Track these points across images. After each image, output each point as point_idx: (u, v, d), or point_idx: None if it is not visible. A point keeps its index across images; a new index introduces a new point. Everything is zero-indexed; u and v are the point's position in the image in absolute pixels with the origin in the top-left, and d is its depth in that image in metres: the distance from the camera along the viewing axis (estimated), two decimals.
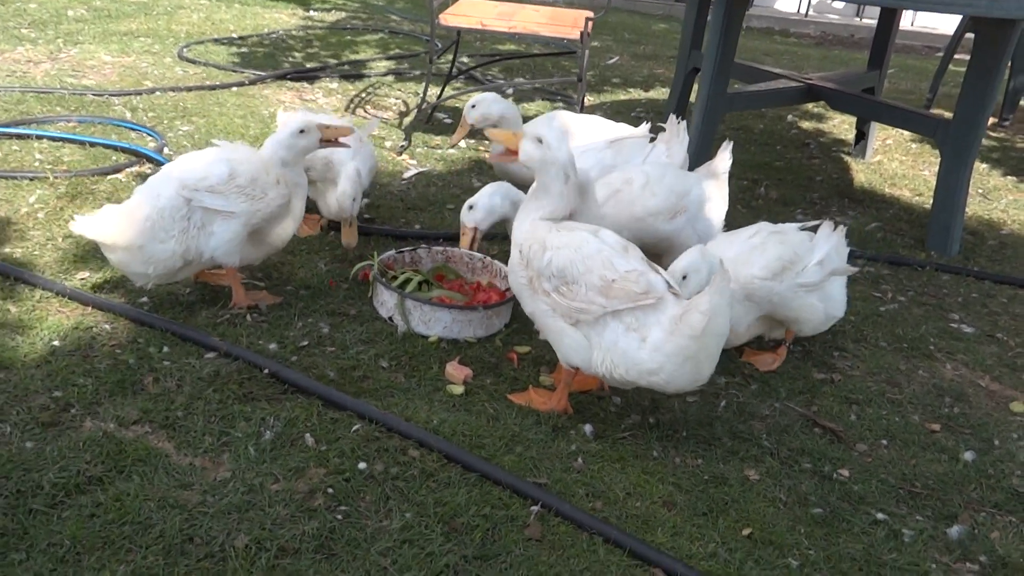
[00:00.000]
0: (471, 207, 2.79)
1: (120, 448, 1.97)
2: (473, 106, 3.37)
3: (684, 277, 2.30)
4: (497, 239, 3.39)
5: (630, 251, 2.26)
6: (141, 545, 1.71)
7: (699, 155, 3.63)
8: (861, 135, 5.07)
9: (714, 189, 2.96)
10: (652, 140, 3.18)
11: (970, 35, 5.33)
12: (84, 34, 6.07)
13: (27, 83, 4.79)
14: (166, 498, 1.84)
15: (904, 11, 3.31)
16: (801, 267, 2.61)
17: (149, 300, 2.64)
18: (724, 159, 2.99)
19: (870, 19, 9.99)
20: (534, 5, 4.85)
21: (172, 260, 2.47)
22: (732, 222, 3.86)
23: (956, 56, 6.33)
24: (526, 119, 3.84)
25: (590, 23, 4.04)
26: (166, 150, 3.96)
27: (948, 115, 3.94)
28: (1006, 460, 2.38)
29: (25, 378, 2.20)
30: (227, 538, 1.75)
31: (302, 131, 2.57)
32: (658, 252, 2.91)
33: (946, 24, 9.85)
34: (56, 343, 2.38)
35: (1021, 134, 6.00)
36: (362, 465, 2.01)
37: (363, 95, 5.43)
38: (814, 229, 2.74)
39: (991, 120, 6.22)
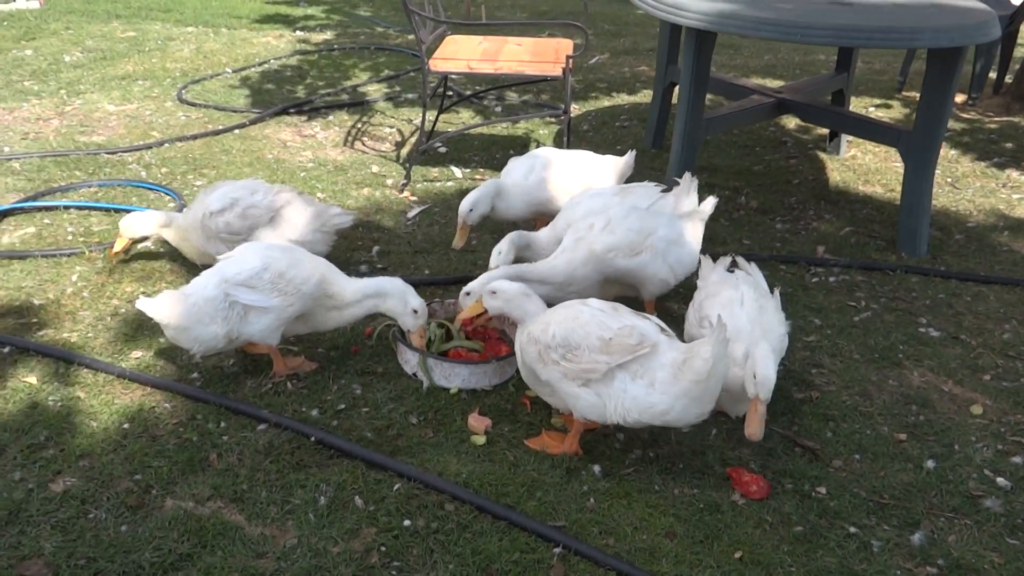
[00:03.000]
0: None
1: (200, 524, 2.30)
2: (471, 210, 3.63)
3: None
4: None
5: (619, 310, 2.60)
6: None
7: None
8: (835, 132, 5.36)
9: (689, 229, 3.26)
10: (665, 191, 3.46)
11: None
12: (84, 82, 6.33)
13: (42, 145, 5.08)
14: (247, 568, 2.17)
15: None
16: None
17: (199, 376, 2.96)
18: (708, 206, 3.34)
19: None
20: (516, 38, 5.10)
21: (215, 340, 2.81)
22: (715, 236, 4.19)
23: None
24: (516, 138, 4.12)
25: (571, 60, 4.32)
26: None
27: (910, 115, 4.21)
28: (964, 464, 2.71)
29: (106, 464, 2.53)
30: None
31: (415, 311, 2.96)
32: (631, 285, 3.22)
33: None
34: (126, 426, 2.70)
35: (990, 111, 6.27)
36: (407, 522, 2.35)
37: (359, 125, 5.70)
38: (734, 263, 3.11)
39: (960, 98, 6.51)
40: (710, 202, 3.37)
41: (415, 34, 4.41)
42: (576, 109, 6.21)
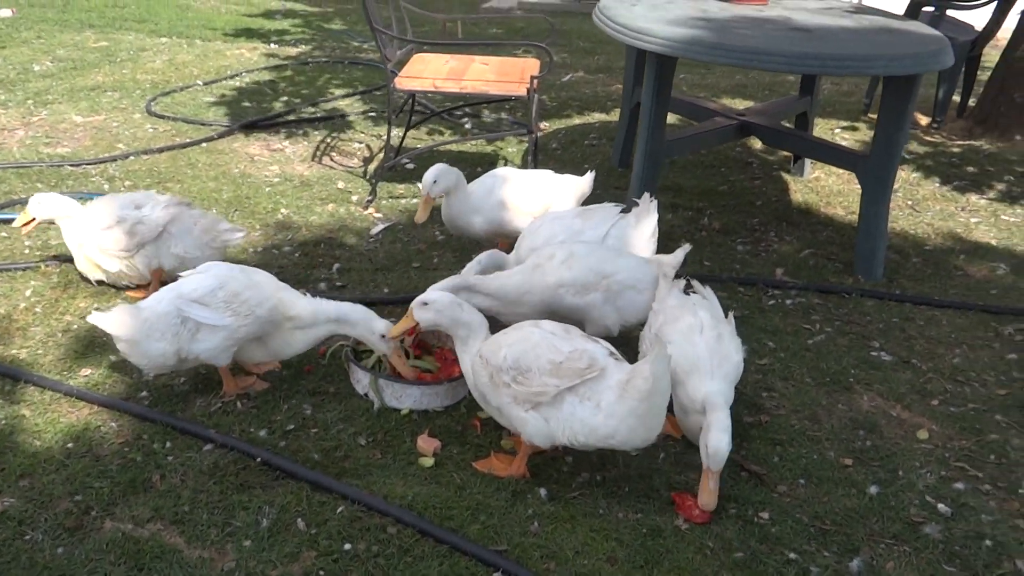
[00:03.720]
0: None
1: (138, 547, 2.29)
2: (435, 181, 3.67)
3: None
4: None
5: (571, 332, 2.61)
6: None
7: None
8: (798, 155, 5.42)
9: (650, 278, 3.13)
10: (624, 211, 3.45)
11: None
12: (53, 92, 6.29)
13: (5, 156, 5.04)
14: None
15: None
16: None
17: (148, 394, 2.95)
18: (677, 258, 3.19)
19: None
20: (483, 57, 5.13)
21: (164, 357, 2.79)
22: None
23: None
24: (485, 155, 4.14)
25: (535, 80, 4.35)
26: None
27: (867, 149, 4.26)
28: (907, 490, 2.74)
29: (47, 484, 2.51)
30: None
31: (383, 336, 2.93)
32: (574, 322, 3.17)
33: None
34: (70, 445, 2.68)
35: (953, 135, 6.37)
36: (347, 546, 2.34)
37: (329, 140, 5.70)
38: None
39: (924, 122, 6.61)
40: (680, 252, 3.20)
41: (381, 52, 4.43)
42: (547, 127, 6.25)
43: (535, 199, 3.84)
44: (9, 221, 4.06)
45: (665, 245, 4.27)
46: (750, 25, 3.94)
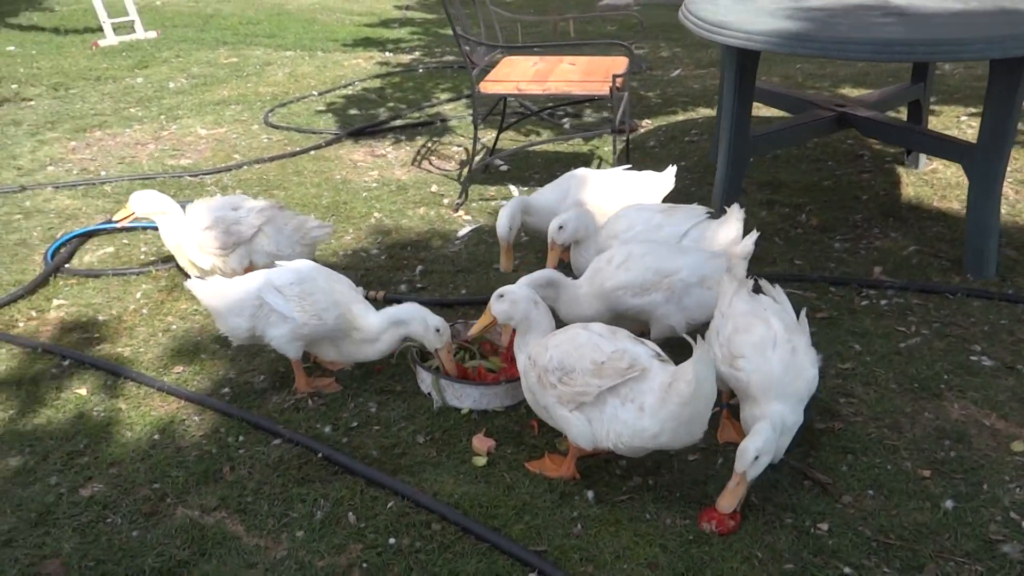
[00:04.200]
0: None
1: (203, 533, 2.46)
2: (510, 228, 3.63)
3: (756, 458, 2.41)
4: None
5: (616, 334, 2.59)
6: None
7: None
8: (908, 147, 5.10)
9: (721, 273, 2.99)
10: (711, 216, 3.37)
11: None
12: (183, 107, 6.78)
13: (135, 168, 5.49)
14: None
15: None
16: None
17: (230, 391, 3.15)
18: (746, 246, 3.11)
19: None
20: (571, 57, 5.12)
21: (240, 331, 3.02)
22: (765, 255, 4.07)
23: None
24: (580, 155, 4.16)
25: (618, 79, 4.31)
26: None
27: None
28: (989, 505, 2.55)
29: (132, 472, 2.74)
30: None
31: (438, 330, 2.99)
32: (640, 322, 3.12)
33: None
34: (156, 436, 2.91)
35: None
36: (392, 540, 2.43)
37: (429, 144, 5.87)
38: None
39: None
40: (750, 239, 3.11)
41: (466, 57, 4.52)
42: (648, 124, 6.17)
43: (613, 198, 3.81)
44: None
45: (756, 244, 4.14)
46: (841, 13, 3.75)
